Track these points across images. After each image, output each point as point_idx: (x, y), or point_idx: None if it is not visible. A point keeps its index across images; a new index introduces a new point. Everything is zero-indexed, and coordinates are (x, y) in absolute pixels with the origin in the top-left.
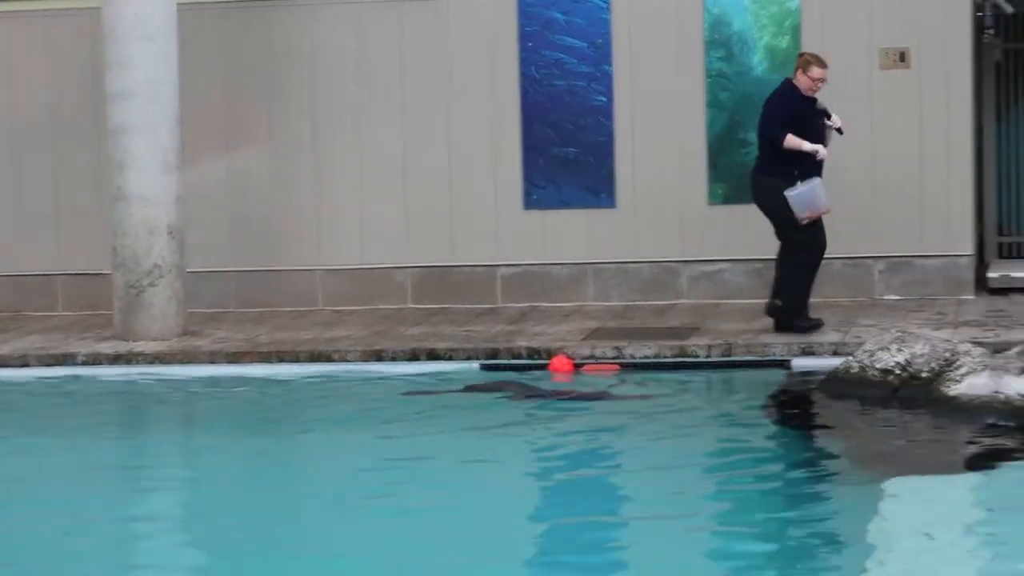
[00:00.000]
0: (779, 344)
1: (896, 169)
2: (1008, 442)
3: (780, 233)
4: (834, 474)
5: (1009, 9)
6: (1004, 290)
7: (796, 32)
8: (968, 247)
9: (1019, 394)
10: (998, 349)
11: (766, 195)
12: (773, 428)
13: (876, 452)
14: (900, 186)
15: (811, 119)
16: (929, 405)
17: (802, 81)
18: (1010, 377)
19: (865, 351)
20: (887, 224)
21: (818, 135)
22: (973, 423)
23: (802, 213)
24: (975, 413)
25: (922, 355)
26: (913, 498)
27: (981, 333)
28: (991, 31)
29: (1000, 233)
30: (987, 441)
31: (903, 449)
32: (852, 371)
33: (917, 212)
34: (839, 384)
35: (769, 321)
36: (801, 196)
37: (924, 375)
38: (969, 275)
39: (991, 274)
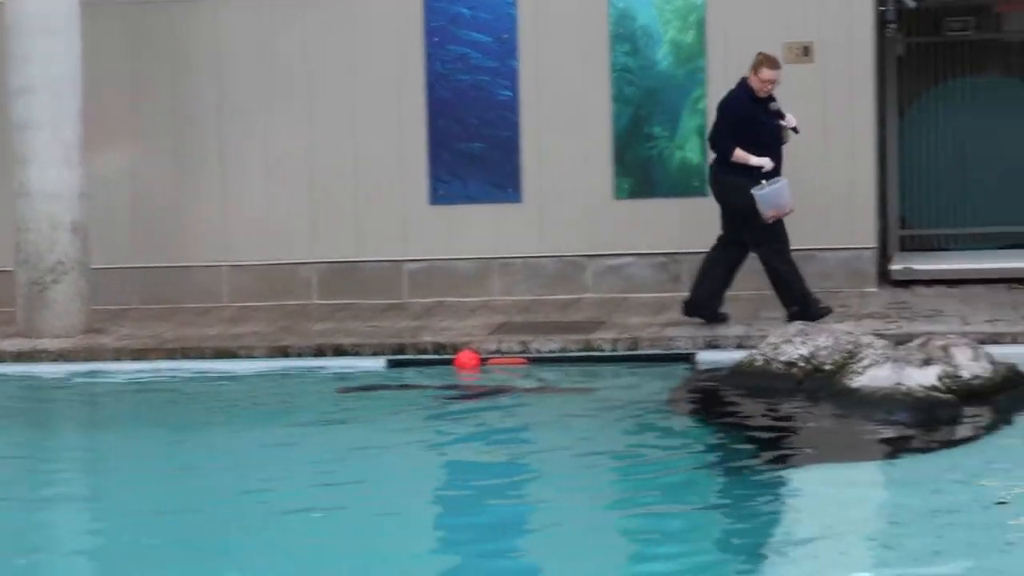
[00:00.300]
0: (684, 338)
1: (800, 163)
2: (910, 433)
3: (733, 230)
4: (738, 466)
5: (911, 4)
6: (906, 282)
7: (701, 26)
8: (871, 240)
9: (920, 386)
10: (900, 341)
11: (734, 195)
12: (678, 421)
13: (780, 444)
14: (804, 180)
15: (763, 120)
16: (832, 397)
17: (753, 81)
18: (912, 369)
19: (769, 344)
20: (791, 217)
21: (771, 136)
22: (875, 414)
23: (767, 212)
24: (877, 404)
25: (825, 347)
26: (816, 489)
27: (883, 325)
28: (894, 25)
29: (903, 226)
30: (889, 432)
31: (806, 441)
32: (756, 364)
33: (821, 205)
34: (743, 377)
35: (674, 314)
36: (768, 195)
37: (827, 367)
38: (872, 268)
39: (894, 267)
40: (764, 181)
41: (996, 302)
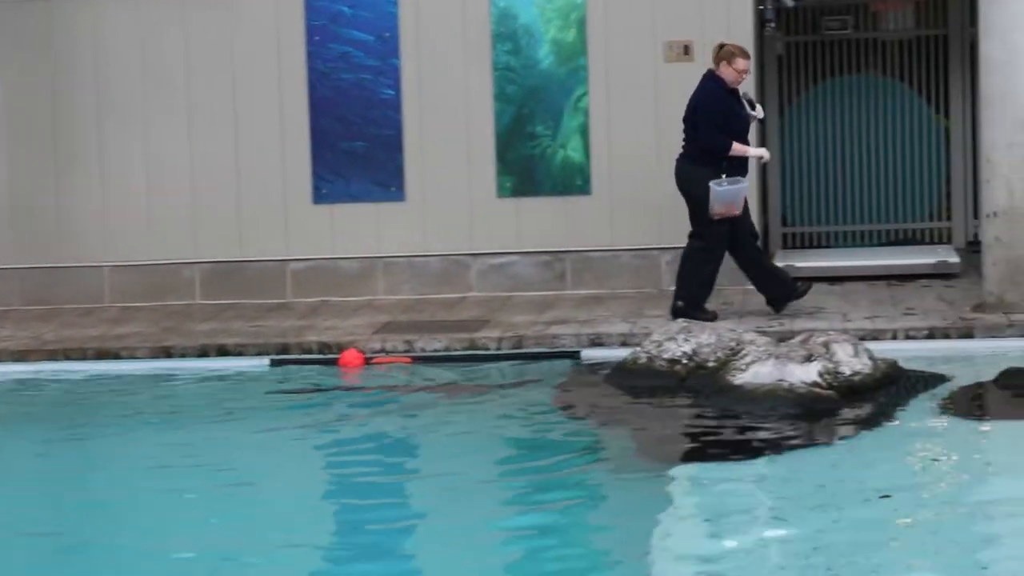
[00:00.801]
0: (568, 336)
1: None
2: (792, 429)
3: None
4: (621, 463)
5: (790, 3)
6: None
7: (582, 25)
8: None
9: (802, 382)
10: (782, 338)
11: (692, 183)
12: (561, 419)
13: (663, 441)
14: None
15: (737, 111)
16: (715, 394)
17: (727, 73)
18: (794, 365)
19: (652, 341)
20: (673, 216)
21: (743, 126)
22: (758, 411)
23: (716, 207)
24: (760, 401)
25: (708, 345)
26: (700, 486)
27: (766, 322)
28: (772, 24)
29: (784, 224)
30: (772, 428)
31: (690, 438)
32: (640, 361)
33: None
34: (627, 374)
35: (558, 312)
36: (725, 193)
37: (710, 364)
38: None
39: (776, 264)
40: (725, 177)
41: (876, 299)
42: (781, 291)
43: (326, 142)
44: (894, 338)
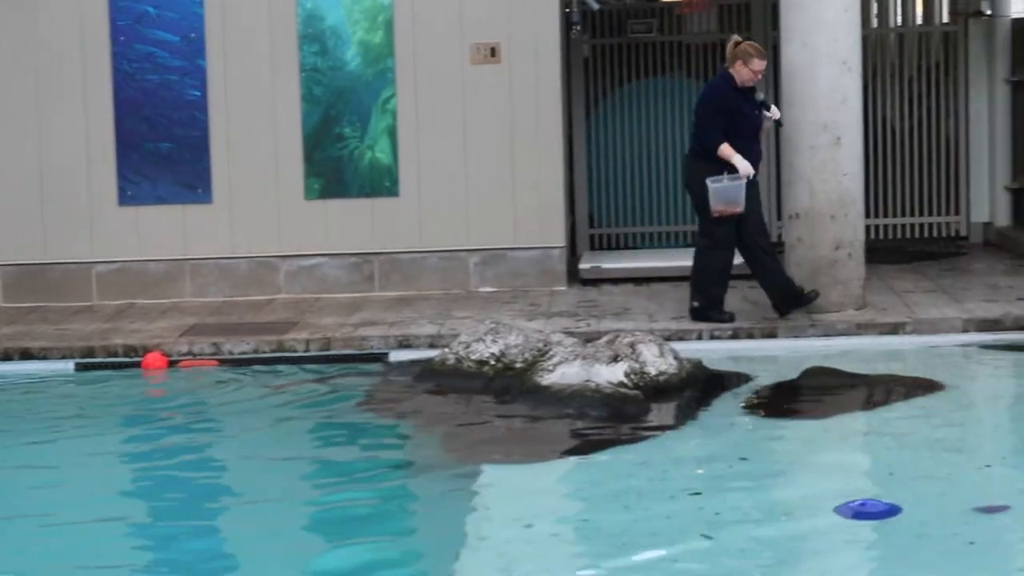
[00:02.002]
0: (376, 337)
1: (489, 164)
2: (599, 429)
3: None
4: (430, 464)
5: (596, 6)
6: (595, 281)
7: (389, 27)
8: (560, 239)
9: (609, 382)
10: (589, 339)
11: (693, 180)
12: (370, 421)
13: (472, 442)
14: (493, 180)
15: (747, 111)
16: (524, 395)
17: (742, 72)
18: (600, 366)
19: (460, 343)
20: (480, 217)
21: (753, 127)
22: (566, 411)
23: (717, 205)
24: (567, 401)
25: (516, 346)
26: (509, 487)
27: (573, 323)
28: (578, 27)
29: (591, 225)
30: (580, 429)
31: (498, 439)
32: (448, 363)
33: (510, 205)
34: (435, 376)
35: (367, 314)
36: (723, 190)
37: (518, 365)
38: (561, 267)
39: (583, 265)
40: (726, 174)
41: (682, 299)
42: (784, 296)
43: (132, 143)
44: (699, 338)
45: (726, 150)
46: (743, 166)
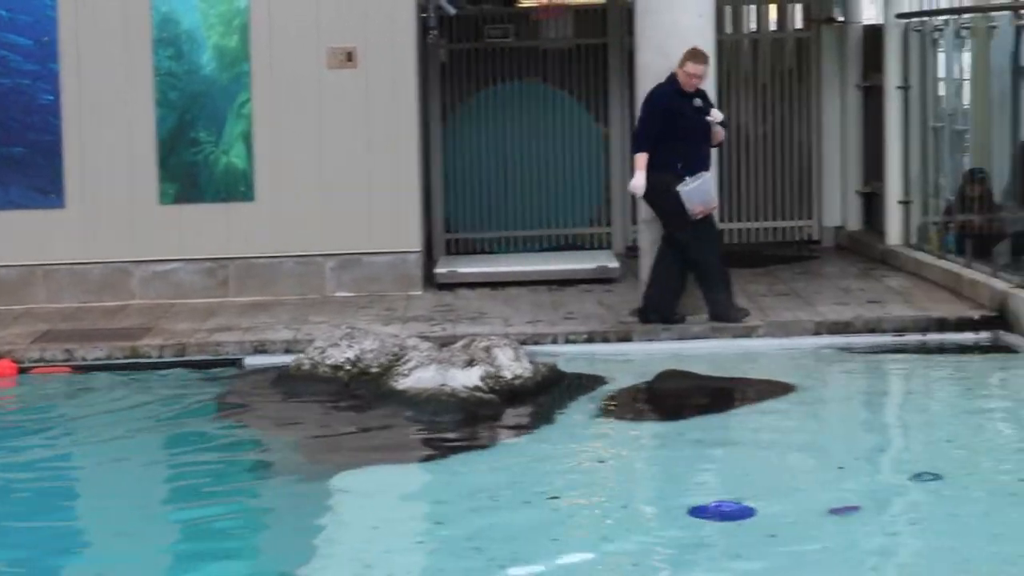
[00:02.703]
0: (231, 343)
1: (345, 168)
2: (454, 433)
3: (667, 232)
4: (285, 469)
5: (452, 11)
6: (451, 285)
7: (245, 31)
8: (416, 244)
9: (464, 386)
10: (444, 343)
11: (656, 192)
12: (225, 426)
13: (327, 446)
14: (349, 185)
15: (688, 114)
16: (379, 399)
17: (680, 75)
18: (455, 370)
19: (316, 348)
20: (336, 222)
21: (697, 132)
22: (421, 416)
23: (695, 208)
24: (423, 406)
25: (372, 350)
26: (363, 492)
27: (429, 328)
28: (436, 32)
29: (448, 230)
30: (435, 433)
31: (353, 443)
32: (304, 368)
33: (366, 210)
34: (291, 381)
35: (222, 319)
36: (694, 191)
37: (374, 370)
38: (417, 271)
39: (438, 270)
40: (688, 178)
41: (538, 303)
42: (662, 306)
43: None
44: (555, 342)
45: (639, 160)
46: (636, 183)
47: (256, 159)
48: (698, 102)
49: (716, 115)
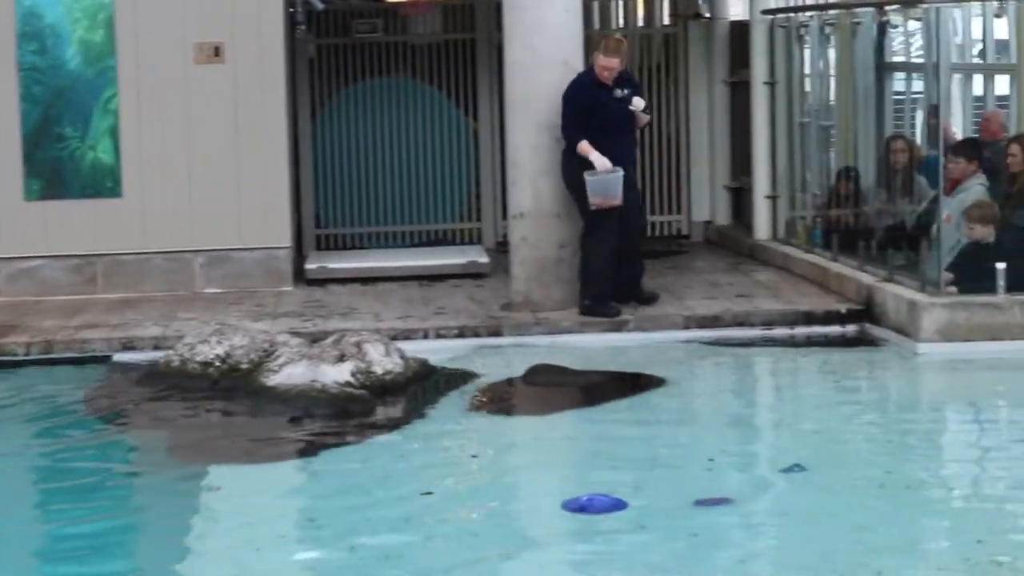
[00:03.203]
0: (99, 340)
1: (213, 163)
2: (325, 428)
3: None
4: (156, 467)
5: (320, 6)
6: (322, 281)
7: (110, 25)
8: (286, 240)
9: (335, 382)
10: (315, 339)
11: (566, 175)
12: (93, 424)
13: (197, 443)
14: (217, 180)
15: (608, 105)
16: (249, 395)
17: (596, 67)
18: (326, 366)
19: (185, 344)
20: (205, 218)
21: (619, 122)
22: (292, 411)
23: (593, 199)
24: (293, 402)
25: (241, 347)
26: (234, 489)
27: (299, 324)
28: (303, 27)
29: (318, 225)
30: (305, 428)
31: (224, 439)
32: (173, 364)
33: (235, 206)
34: (160, 378)
35: (89, 316)
36: (598, 182)
37: (244, 366)
38: (287, 267)
39: (309, 266)
40: (618, 169)
41: (408, 299)
42: (598, 293)
43: None
44: (425, 337)
45: (584, 147)
46: (599, 162)
47: (123, 155)
48: (619, 92)
49: (638, 103)
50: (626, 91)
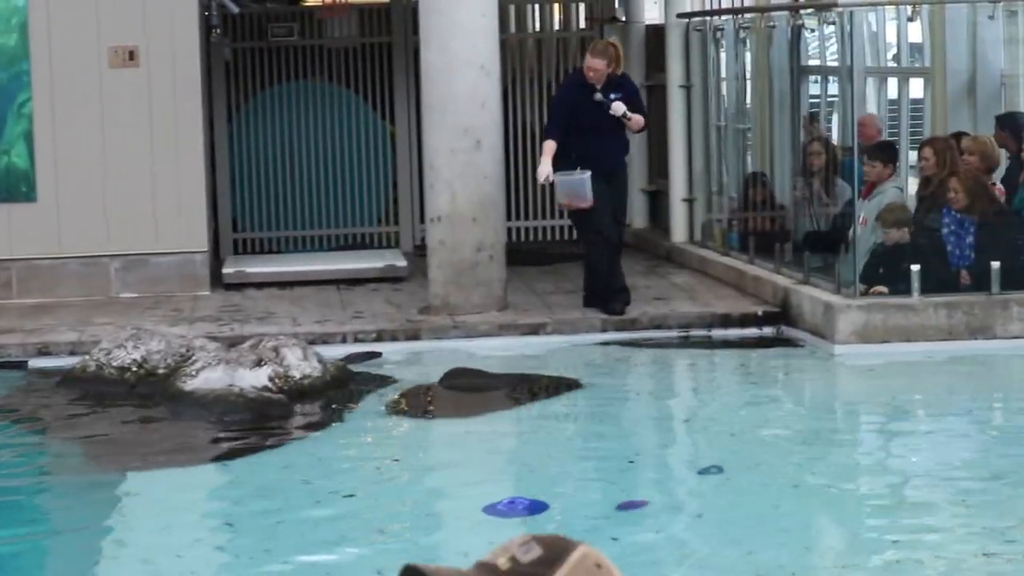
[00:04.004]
0: (14, 345)
1: (128, 168)
2: (244, 433)
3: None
4: (72, 472)
5: (235, 9)
6: (239, 285)
7: (24, 29)
8: (203, 244)
9: (253, 386)
10: (232, 344)
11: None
12: (10, 430)
13: (114, 449)
14: (133, 185)
15: (587, 107)
16: (167, 400)
17: (584, 68)
18: (244, 370)
19: (102, 349)
20: (121, 222)
21: (594, 123)
22: (210, 416)
23: (560, 199)
24: (211, 406)
25: (158, 351)
26: (152, 494)
27: (216, 328)
28: (219, 30)
29: (235, 230)
30: (224, 433)
31: (141, 445)
32: (89, 370)
33: (151, 210)
34: (77, 383)
35: (4, 322)
36: (566, 183)
37: (161, 371)
38: (205, 271)
39: (226, 270)
40: (579, 169)
41: (326, 303)
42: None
43: None
44: (343, 341)
45: (546, 146)
46: (540, 168)
47: (38, 159)
48: (599, 96)
49: (617, 108)
50: (612, 95)
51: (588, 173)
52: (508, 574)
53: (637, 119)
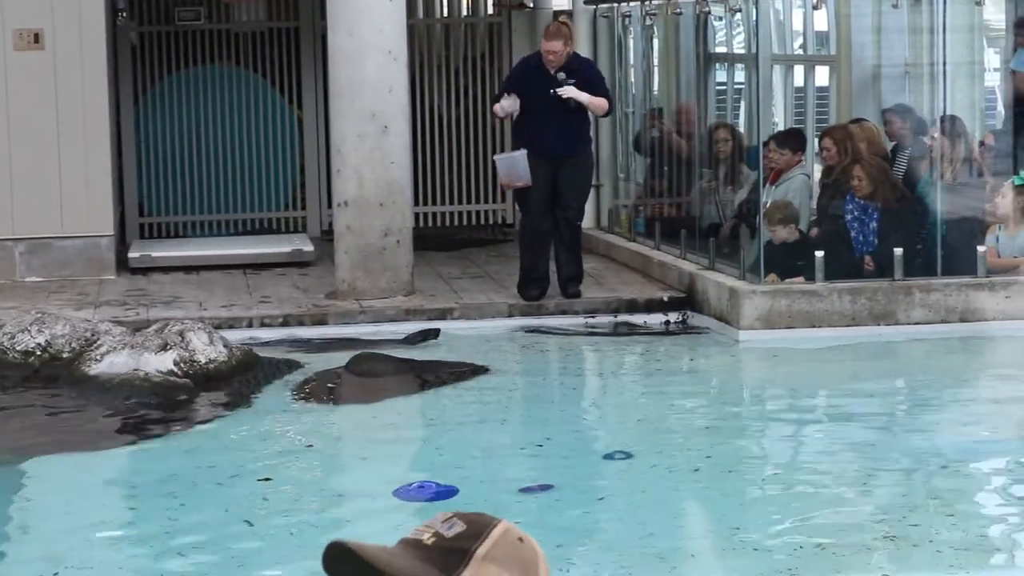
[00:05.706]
0: None
1: (33, 151)
2: (148, 418)
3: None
4: None
5: None
6: (145, 270)
7: None
8: (108, 228)
9: (158, 371)
10: (138, 328)
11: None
12: None
13: (17, 434)
14: (38, 168)
15: (533, 86)
16: (71, 384)
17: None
18: (149, 354)
19: (5, 333)
20: (26, 206)
21: (540, 103)
22: (115, 400)
23: (501, 178)
24: (116, 391)
25: (63, 335)
26: (55, 479)
27: (122, 312)
28: (124, 14)
29: (142, 214)
30: (128, 418)
31: (45, 430)
32: None
33: (56, 194)
34: None
35: None
36: (502, 162)
37: (65, 355)
38: (110, 255)
39: (132, 254)
40: (521, 149)
41: (233, 287)
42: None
43: None
44: (250, 326)
45: (496, 107)
46: (498, 106)
47: None
48: (563, 75)
49: (565, 91)
50: (563, 76)
51: (524, 152)
52: (433, 549)
53: (599, 103)
